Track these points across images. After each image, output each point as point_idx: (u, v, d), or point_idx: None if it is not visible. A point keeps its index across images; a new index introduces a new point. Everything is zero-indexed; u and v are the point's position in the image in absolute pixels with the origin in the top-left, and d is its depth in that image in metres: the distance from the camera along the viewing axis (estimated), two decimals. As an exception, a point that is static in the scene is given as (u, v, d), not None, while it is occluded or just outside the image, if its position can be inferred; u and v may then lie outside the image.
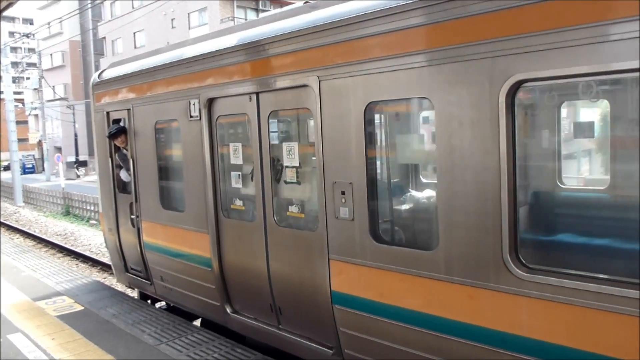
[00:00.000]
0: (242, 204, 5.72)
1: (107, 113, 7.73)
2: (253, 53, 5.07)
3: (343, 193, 4.36)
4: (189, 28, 40.41)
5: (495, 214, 3.36)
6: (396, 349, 4.13)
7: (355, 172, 4.23)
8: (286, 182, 5.19)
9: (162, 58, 6.55)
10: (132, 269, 7.87)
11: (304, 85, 4.60)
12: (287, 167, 5.07)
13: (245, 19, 37.94)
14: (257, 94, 5.16)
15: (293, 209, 5.11)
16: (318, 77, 4.43)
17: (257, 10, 39.26)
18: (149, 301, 8.02)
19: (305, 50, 4.54)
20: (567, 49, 2.96)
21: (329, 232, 4.52)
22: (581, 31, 2.89)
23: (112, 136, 7.40)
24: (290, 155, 5.00)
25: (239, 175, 5.67)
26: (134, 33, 45.60)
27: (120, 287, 10.04)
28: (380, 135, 4.65)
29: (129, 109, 7.15)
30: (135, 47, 44.19)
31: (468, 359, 3.63)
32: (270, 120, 5.16)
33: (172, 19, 41.79)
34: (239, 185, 5.68)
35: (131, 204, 7.40)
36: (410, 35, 3.71)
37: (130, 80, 7.07)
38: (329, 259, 4.57)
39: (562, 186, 4.98)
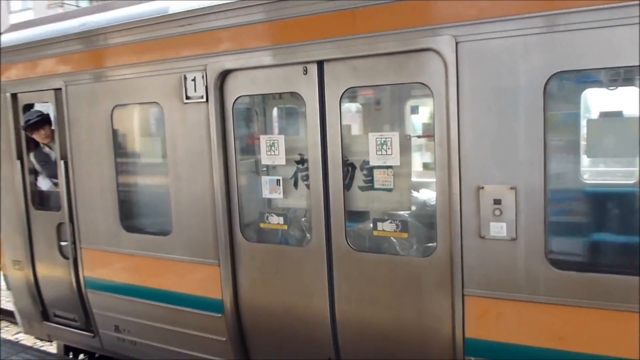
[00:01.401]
0: (282, 221, 4.06)
1: (14, 95, 5.32)
2: None
3: None
4: (9, 12, 34.52)
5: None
6: None
7: None
8: (366, 189, 3.72)
9: (123, 13, 4.49)
10: (57, 315, 5.56)
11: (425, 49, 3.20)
12: (375, 167, 3.60)
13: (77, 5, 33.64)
14: (321, 62, 3.60)
15: (386, 226, 3.64)
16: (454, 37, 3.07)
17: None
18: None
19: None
20: None
21: (465, 257, 3.21)
22: None
23: (31, 127, 5.10)
24: (384, 151, 3.54)
25: (278, 180, 4.02)
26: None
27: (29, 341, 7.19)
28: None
29: (58, 89, 4.92)
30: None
31: None
32: (344, 102, 3.63)
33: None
34: (278, 195, 4.03)
35: (60, 225, 5.16)
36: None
37: (62, 46, 4.82)
38: (463, 295, 3.26)
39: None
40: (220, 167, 4.04)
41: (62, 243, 5.14)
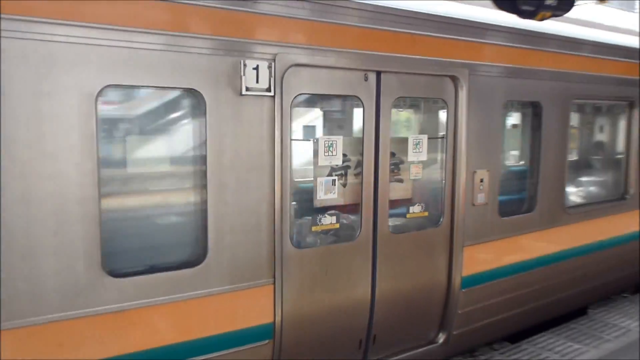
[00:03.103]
0: (335, 220, 3.97)
1: None
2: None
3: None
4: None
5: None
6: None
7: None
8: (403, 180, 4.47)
9: None
10: None
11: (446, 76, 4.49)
12: (412, 162, 4.41)
13: None
14: (379, 72, 4.10)
15: (415, 209, 4.46)
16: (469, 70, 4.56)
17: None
18: None
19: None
20: None
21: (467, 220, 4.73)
22: None
23: None
24: (418, 149, 4.43)
25: (334, 181, 3.98)
26: None
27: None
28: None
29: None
30: None
31: None
32: (394, 109, 4.24)
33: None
34: (333, 195, 3.98)
35: None
36: None
37: None
38: (463, 247, 4.75)
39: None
40: (285, 171, 3.63)
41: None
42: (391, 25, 4.11)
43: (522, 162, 5.73)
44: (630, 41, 6.15)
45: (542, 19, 4.50)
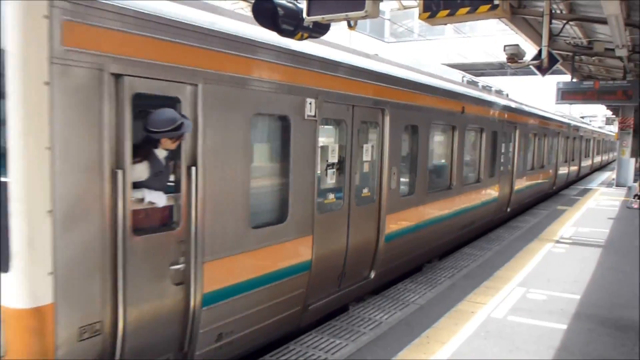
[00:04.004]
0: (334, 197, 6.59)
1: (118, 77, 3.79)
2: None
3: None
4: None
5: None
6: None
7: None
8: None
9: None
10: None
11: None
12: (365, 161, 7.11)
13: None
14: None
15: (365, 191, 7.15)
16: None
17: None
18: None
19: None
20: None
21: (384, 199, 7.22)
22: None
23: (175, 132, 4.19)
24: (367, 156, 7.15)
25: (333, 172, 6.53)
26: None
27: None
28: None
29: (193, 85, 4.34)
30: None
31: None
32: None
33: None
34: (332, 181, 6.59)
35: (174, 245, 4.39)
36: None
37: (204, 40, 4.40)
38: (385, 216, 7.25)
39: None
40: (317, 164, 5.96)
41: (174, 267, 4.30)
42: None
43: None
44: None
45: (301, 39, 5.14)
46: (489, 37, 26.05)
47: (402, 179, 7.76)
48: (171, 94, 4.21)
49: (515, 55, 9.03)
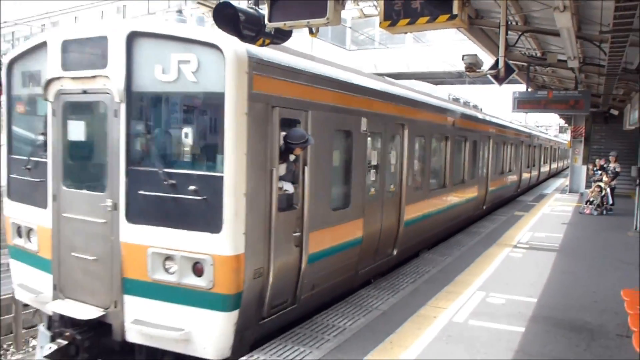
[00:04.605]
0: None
1: (273, 107, 5.68)
2: None
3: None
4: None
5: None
6: None
7: None
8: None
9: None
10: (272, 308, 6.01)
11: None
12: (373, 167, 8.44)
13: None
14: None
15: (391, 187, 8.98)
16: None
17: None
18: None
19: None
20: None
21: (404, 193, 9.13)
22: None
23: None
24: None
25: (372, 172, 8.29)
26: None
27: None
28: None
29: (306, 111, 6.28)
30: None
31: None
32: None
33: None
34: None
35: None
36: None
37: (314, 81, 6.41)
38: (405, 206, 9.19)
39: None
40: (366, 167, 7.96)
41: (295, 234, 6.14)
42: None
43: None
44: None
45: (262, 45, 5.53)
46: (449, 46, 26.71)
47: (415, 178, 9.85)
48: (295, 118, 6.11)
49: (473, 65, 9.32)
